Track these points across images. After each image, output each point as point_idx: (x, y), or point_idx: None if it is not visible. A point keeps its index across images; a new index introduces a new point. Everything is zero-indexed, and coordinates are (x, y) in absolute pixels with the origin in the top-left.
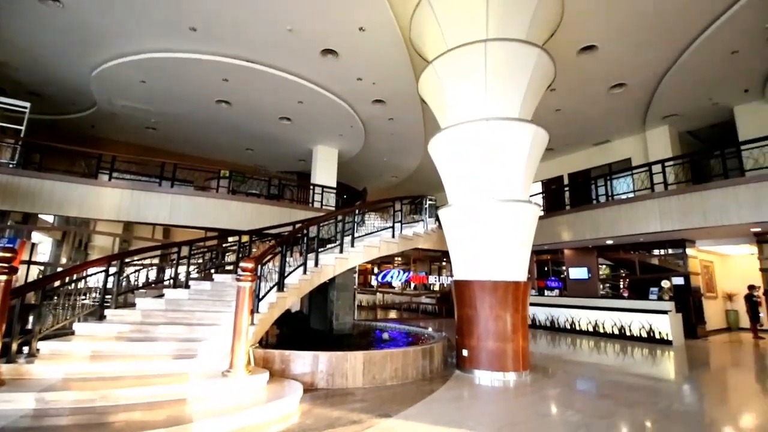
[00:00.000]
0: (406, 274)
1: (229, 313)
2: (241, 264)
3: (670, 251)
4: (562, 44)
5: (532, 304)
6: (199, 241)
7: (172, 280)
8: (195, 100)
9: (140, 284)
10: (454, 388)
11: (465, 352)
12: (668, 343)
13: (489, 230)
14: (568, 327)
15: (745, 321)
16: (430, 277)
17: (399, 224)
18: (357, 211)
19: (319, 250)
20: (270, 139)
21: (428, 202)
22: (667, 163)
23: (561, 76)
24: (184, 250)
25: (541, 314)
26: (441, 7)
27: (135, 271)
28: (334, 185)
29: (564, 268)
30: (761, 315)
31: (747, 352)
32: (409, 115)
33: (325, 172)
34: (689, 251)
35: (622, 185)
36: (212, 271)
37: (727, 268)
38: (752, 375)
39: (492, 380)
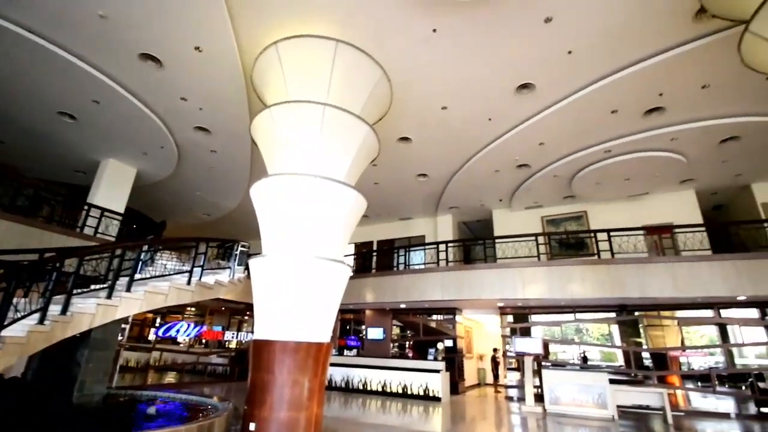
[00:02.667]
0: (198, 328)
1: None
2: None
3: (445, 317)
4: (387, 129)
5: (331, 365)
6: None
7: None
8: None
9: None
10: None
11: (252, 426)
12: (438, 399)
13: (301, 286)
14: (361, 387)
15: (490, 378)
16: (227, 332)
17: (200, 269)
18: (146, 247)
19: (76, 291)
20: (38, 135)
21: (240, 249)
22: (449, 244)
23: (383, 155)
24: None
25: (338, 375)
26: (288, 59)
27: None
28: (122, 211)
29: (364, 327)
30: (500, 373)
31: (491, 405)
32: (236, 152)
33: (111, 193)
34: (458, 318)
35: (418, 257)
36: None
37: (481, 333)
38: (493, 424)
39: None
